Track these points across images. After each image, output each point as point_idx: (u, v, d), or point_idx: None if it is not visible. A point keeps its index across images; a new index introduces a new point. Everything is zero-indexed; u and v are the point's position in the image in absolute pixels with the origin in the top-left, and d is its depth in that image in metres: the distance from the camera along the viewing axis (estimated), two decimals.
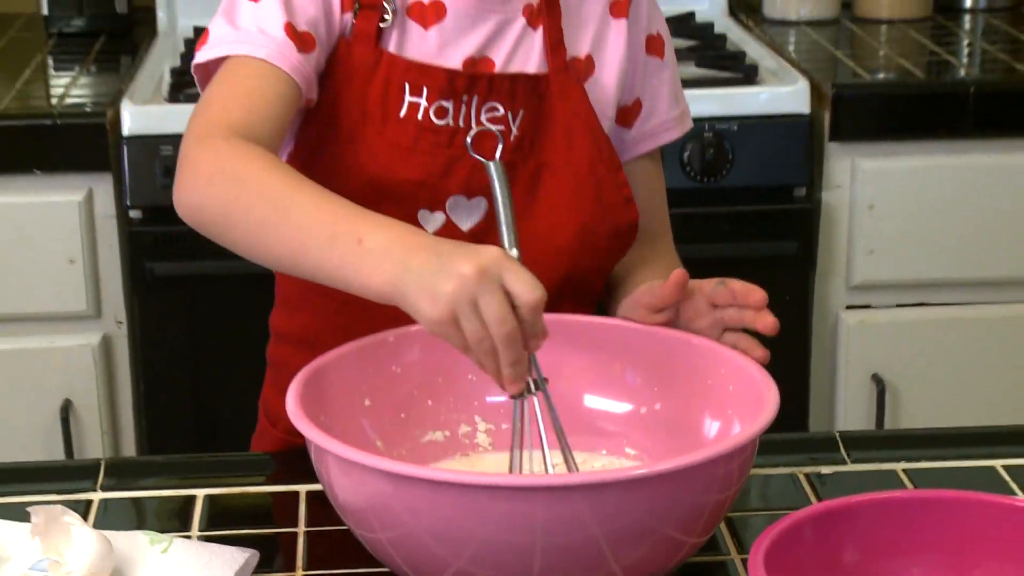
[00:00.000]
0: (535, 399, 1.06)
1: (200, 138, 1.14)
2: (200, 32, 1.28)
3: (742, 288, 1.13)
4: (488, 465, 1.17)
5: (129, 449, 2.17)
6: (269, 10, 1.19)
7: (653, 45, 1.34)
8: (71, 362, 2.12)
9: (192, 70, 1.25)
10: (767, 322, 1.11)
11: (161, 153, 1.98)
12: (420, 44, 1.25)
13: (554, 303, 1.14)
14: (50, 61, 2.32)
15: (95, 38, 2.42)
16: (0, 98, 2.13)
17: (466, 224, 1.26)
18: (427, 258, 0.99)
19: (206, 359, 2.14)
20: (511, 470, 1.08)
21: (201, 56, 1.22)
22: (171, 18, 2.45)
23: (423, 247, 1.00)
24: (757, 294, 1.12)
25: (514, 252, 1.04)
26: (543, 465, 1.08)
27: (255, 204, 1.09)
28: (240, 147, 1.11)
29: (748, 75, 2.17)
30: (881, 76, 2.19)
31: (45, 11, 2.44)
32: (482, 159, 1.11)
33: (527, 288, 0.96)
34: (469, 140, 1.13)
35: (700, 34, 2.39)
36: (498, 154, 1.11)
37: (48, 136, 2.04)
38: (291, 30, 1.19)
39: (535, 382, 1.05)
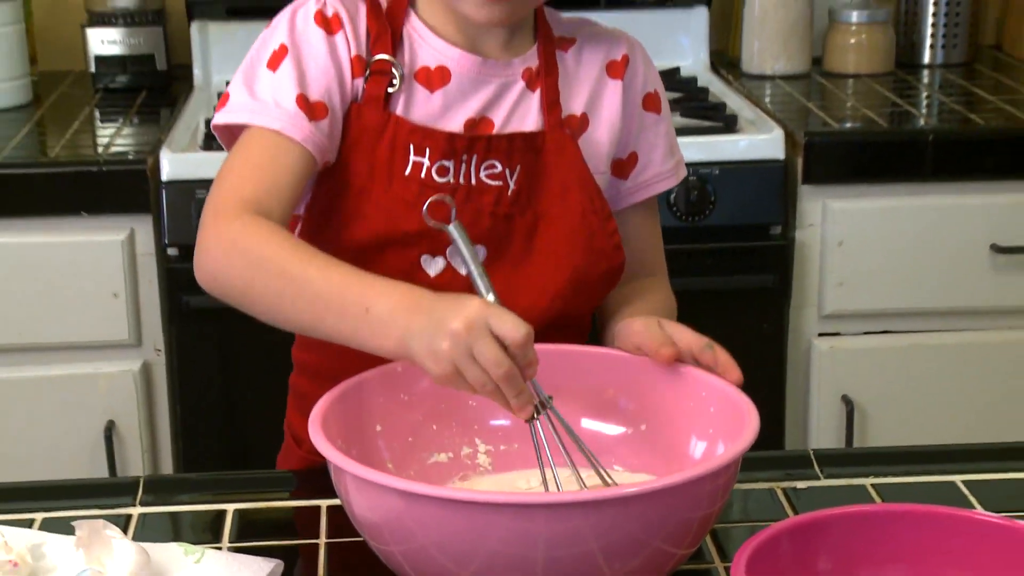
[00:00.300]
0: (546, 417, 1.07)
1: (217, 213, 1.15)
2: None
3: (725, 362, 1.12)
4: (488, 484, 1.17)
5: (167, 467, 2.16)
6: (284, 82, 1.19)
7: (650, 102, 1.33)
8: (114, 387, 2.11)
9: (211, 128, 1.25)
10: None
11: (196, 196, 1.97)
12: (425, 106, 1.24)
13: (549, 336, 1.17)
14: (97, 114, 2.32)
15: (137, 93, 2.43)
16: (51, 147, 2.13)
17: (464, 268, 1.24)
18: (424, 320, 1.01)
19: (236, 384, 2.13)
20: (546, 487, 1.09)
21: (220, 119, 1.22)
22: (206, 75, 2.45)
23: (420, 310, 1.02)
24: (735, 374, 1.11)
25: (491, 297, 1.05)
26: (577, 480, 1.09)
27: (271, 280, 1.10)
28: (252, 224, 1.12)
29: (728, 124, 2.17)
30: (848, 125, 2.19)
31: (92, 69, 2.45)
32: (441, 225, 1.11)
33: (512, 329, 0.98)
34: (425, 209, 1.12)
35: (684, 87, 2.39)
36: (453, 215, 1.11)
37: (94, 181, 2.04)
38: (303, 101, 1.19)
39: (541, 403, 1.06)
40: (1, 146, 2.12)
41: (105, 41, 2.44)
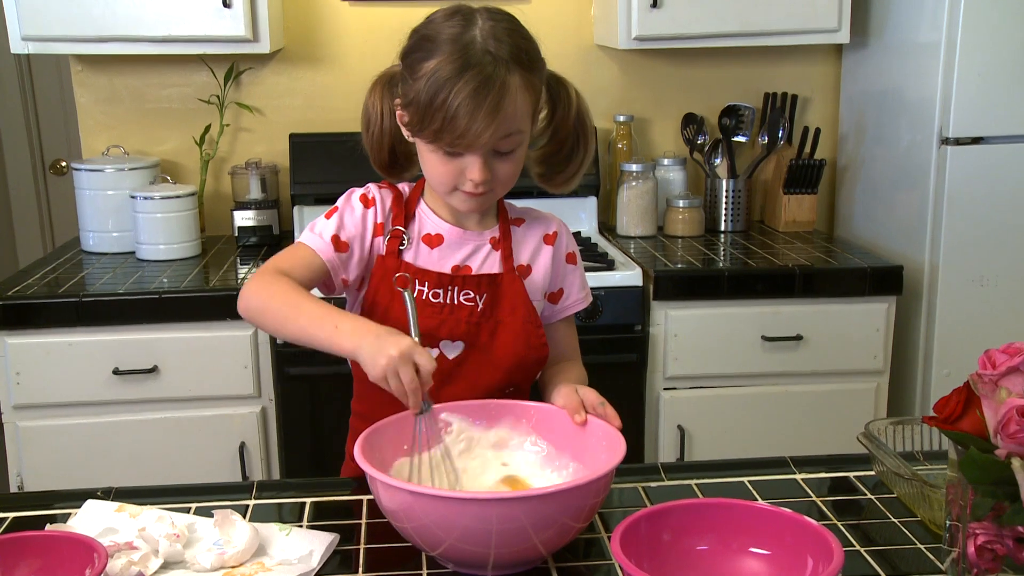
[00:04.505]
0: (426, 418, 1.05)
1: (262, 272, 1.16)
2: None
3: (611, 414, 1.10)
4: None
5: (275, 473, 2.10)
6: (329, 225, 1.21)
7: (570, 258, 1.31)
8: (245, 422, 2.05)
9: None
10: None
11: None
12: (427, 257, 1.22)
13: (500, 396, 1.17)
14: (238, 260, 2.28)
15: (261, 248, 2.39)
16: (211, 280, 2.09)
17: (451, 355, 1.21)
18: (373, 341, 1.01)
19: (318, 421, 2.07)
20: (411, 463, 1.05)
21: (298, 239, 1.23)
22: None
23: (370, 333, 1.02)
24: (617, 422, 1.08)
25: (416, 339, 1.04)
26: (441, 459, 1.07)
27: (280, 305, 1.10)
28: (278, 277, 1.14)
29: (609, 265, 2.16)
30: (679, 266, 2.18)
31: (236, 234, 2.41)
32: (400, 289, 1.12)
33: (426, 362, 0.99)
34: (394, 278, 1.15)
35: (584, 243, 2.38)
36: (408, 287, 1.12)
37: (234, 300, 1.97)
38: (336, 238, 1.20)
39: (426, 407, 1.05)
40: (183, 279, 2.08)
41: (243, 218, 2.41)
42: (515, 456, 1.12)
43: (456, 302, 1.20)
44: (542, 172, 1.24)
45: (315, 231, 1.20)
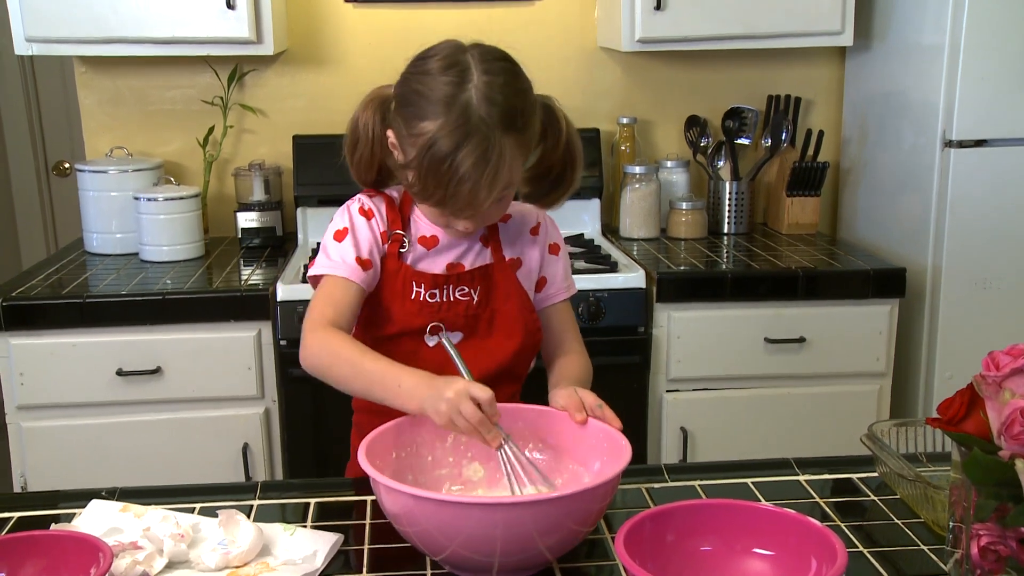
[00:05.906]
0: (508, 447, 1.06)
1: (313, 327, 1.17)
2: (318, 246, 1.28)
3: (611, 416, 1.10)
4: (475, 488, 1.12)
5: (278, 474, 2.10)
6: (347, 249, 1.22)
7: (552, 249, 1.34)
8: (248, 423, 2.06)
9: (307, 277, 1.27)
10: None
11: (298, 311, 1.94)
12: (423, 257, 1.26)
13: (500, 381, 1.20)
14: (241, 262, 2.29)
15: (264, 249, 2.40)
16: (215, 281, 2.10)
17: (454, 361, 1.23)
18: (431, 393, 1.03)
19: (321, 422, 2.08)
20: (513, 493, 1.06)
21: (312, 271, 1.24)
22: (304, 238, 2.43)
23: (428, 386, 1.05)
24: (617, 423, 1.09)
25: (469, 378, 1.06)
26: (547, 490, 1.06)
27: (343, 365, 1.13)
28: (332, 333, 1.16)
29: (612, 267, 2.16)
30: (681, 268, 2.18)
31: (239, 235, 2.42)
32: (439, 338, 1.16)
33: (482, 394, 1.01)
34: (427, 331, 1.19)
35: (587, 245, 2.39)
36: (443, 332, 1.17)
37: (239, 301, 2.01)
38: (359, 259, 1.22)
39: (505, 438, 1.06)
40: (186, 281, 2.09)
41: (247, 219, 2.41)
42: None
43: (452, 299, 1.24)
44: (529, 193, 1.27)
45: (334, 258, 1.22)
